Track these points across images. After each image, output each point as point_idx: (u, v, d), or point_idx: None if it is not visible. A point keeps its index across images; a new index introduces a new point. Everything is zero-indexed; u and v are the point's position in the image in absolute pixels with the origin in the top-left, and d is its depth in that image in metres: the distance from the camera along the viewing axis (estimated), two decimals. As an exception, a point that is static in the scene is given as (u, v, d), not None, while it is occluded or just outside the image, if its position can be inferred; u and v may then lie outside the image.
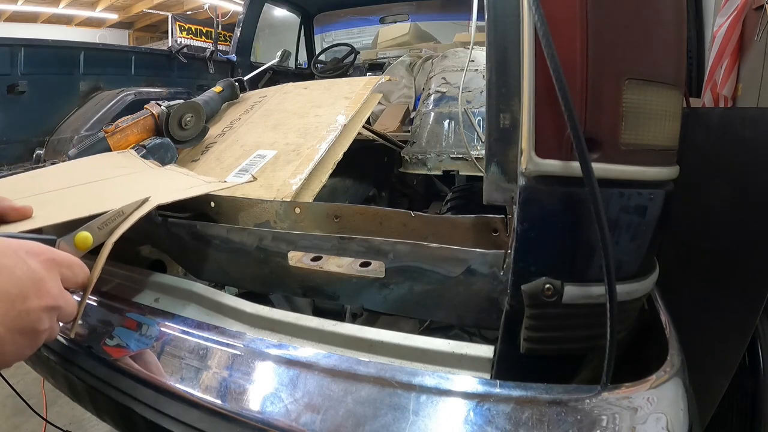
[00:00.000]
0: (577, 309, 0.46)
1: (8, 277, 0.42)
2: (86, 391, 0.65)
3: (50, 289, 0.45)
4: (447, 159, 1.31)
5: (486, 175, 0.55)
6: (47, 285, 0.45)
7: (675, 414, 0.44)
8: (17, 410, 1.59)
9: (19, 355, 0.44)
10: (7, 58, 1.54)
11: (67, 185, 0.75)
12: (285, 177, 0.97)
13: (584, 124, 0.42)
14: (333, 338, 0.57)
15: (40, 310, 0.44)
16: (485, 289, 0.56)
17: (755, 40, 1.59)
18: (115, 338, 0.64)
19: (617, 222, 0.45)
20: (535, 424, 0.42)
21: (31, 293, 0.43)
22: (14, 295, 0.42)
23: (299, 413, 0.47)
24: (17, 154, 1.57)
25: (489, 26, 0.51)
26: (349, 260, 0.65)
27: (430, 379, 0.47)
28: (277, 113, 1.32)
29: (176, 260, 0.81)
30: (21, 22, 9.69)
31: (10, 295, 0.41)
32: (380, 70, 2.60)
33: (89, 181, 0.80)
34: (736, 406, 0.95)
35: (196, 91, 1.91)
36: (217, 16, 3.71)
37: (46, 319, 0.45)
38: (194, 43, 9.72)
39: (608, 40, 0.43)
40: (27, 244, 0.46)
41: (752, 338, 0.91)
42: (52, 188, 0.73)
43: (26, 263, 0.44)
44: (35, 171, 0.88)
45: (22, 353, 0.44)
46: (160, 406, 0.54)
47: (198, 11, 10.26)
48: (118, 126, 1.13)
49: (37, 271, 0.44)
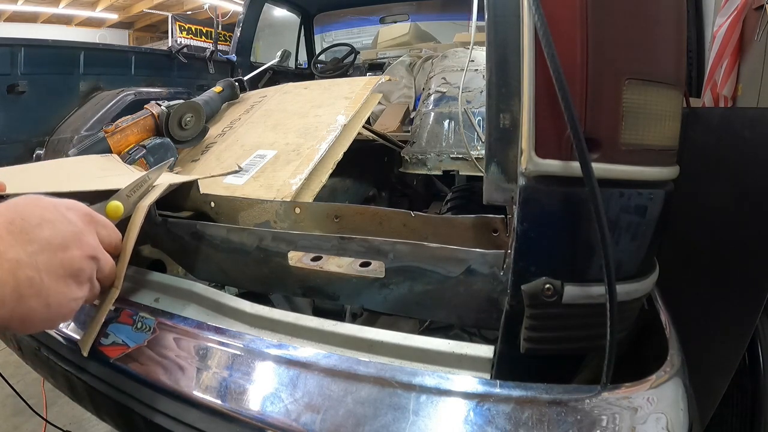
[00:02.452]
0: (577, 309, 0.46)
1: (50, 229, 0.44)
2: (86, 391, 0.65)
3: (90, 240, 0.48)
4: (447, 159, 1.31)
5: (486, 175, 0.55)
6: (86, 237, 0.47)
7: (675, 414, 0.44)
8: (17, 410, 1.59)
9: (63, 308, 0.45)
10: (7, 58, 1.54)
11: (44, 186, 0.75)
12: (285, 177, 0.97)
13: (584, 124, 0.42)
14: (333, 338, 0.57)
15: (81, 259, 0.46)
16: (485, 289, 0.56)
17: (755, 40, 1.59)
18: (111, 336, 0.64)
19: (617, 222, 0.45)
20: (535, 424, 0.42)
21: (72, 243, 0.45)
22: (56, 245, 0.44)
23: (299, 413, 0.47)
24: (17, 154, 1.57)
25: (489, 26, 0.51)
26: (349, 260, 0.65)
27: (430, 379, 0.47)
28: (277, 113, 1.32)
29: (176, 260, 0.81)
30: (21, 22, 9.69)
31: (52, 245, 0.43)
32: (380, 70, 2.60)
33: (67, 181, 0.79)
34: (736, 406, 0.95)
35: (196, 91, 1.91)
36: (217, 16, 3.71)
37: (87, 269, 0.47)
38: (194, 43, 9.72)
39: (608, 40, 0.43)
40: (66, 201, 0.48)
41: (752, 338, 0.91)
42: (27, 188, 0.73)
43: (66, 217, 0.46)
44: (12, 167, 0.87)
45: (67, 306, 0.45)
46: (160, 406, 0.54)
47: (198, 11, 10.26)
48: (118, 126, 1.13)
49: (76, 224, 0.47)
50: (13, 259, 0.40)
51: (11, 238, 0.41)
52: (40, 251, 0.43)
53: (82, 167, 0.92)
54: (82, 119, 1.64)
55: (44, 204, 0.45)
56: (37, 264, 0.42)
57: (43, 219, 0.44)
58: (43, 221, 0.44)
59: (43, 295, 0.43)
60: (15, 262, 0.40)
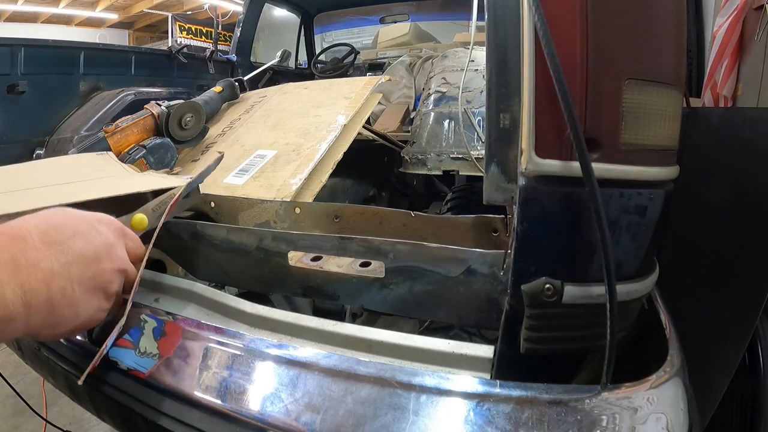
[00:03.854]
0: (577, 309, 0.46)
1: (84, 242, 0.45)
2: (86, 391, 0.65)
3: (120, 253, 0.49)
4: (447, 159, 1.31)
5: (486, 175, 0.55)
6: (117, 250, 0.49)
7: (675, 414, 0.44)
8: (17, 410, 1.59)
9: (90, 318, 0.47)
10: (7, 58, 1.54)
11: (41, 184, 0.75)
12: (285, 177, 0.97)
13: (584, 124, 0.42)
14: (333, 338, 0.57)
15: (111, 272, 0.48)
16: (485, 289, 0.56)
17: (755, 40, 1.59)
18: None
19: (617, 222, 0.45)
20: (535, 424, 0.42)
21: (104, 256, 0.47)
22: (89, 258, 0.45)
23: (299, 413, 0.47)
24: (17, 154, 1.57)
25: (489, 26, 0.51)
26: (349, 260, 0.65)
27: (430, 379, 0.46)
28: (277, 113, 1.32)
29: (176, 260, 0.81)
30: (21, 22, 9.69)
31: (85, 257, 0.45)
32: (380, 70, 2.60)
33: (64, 182, 0.79)
34: (736, 406, 0.95)
35: (196, 91, 1.91)
36: (217, 16, 3.70)
37: (116, 282, 0.49)
38: (194, 43, 9.72)
39: (608, 40, 0.43)
40: (98, 215, 0.50)
41: (752, 338, 0.91)
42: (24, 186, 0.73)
43: (98, 230, 0.48)
44: (10, 166, 0.87)
45: (94, 316, 0.47)
46: (160, 406, 0.54)
47: (198, 11, 10.26)
48: (118, 126, 1.13)
49: (108, 237, 0.48)
50: (47, 269, 0.41)
51: (46, 249, 0.42)
52: (74, 263, 0.44)
53: (77, 168, 0.91)
54: (82, 119, 1.64)
55: (77, 216, 0.47)
56: (70, 275, 0.43)
57: (77, 231, 0.45)
58: (77, 233, 0.45)
59: (74, 305, 0.44)
60: (49, 273, 0.41)
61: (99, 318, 0.48)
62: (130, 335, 0.60)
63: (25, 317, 0.40)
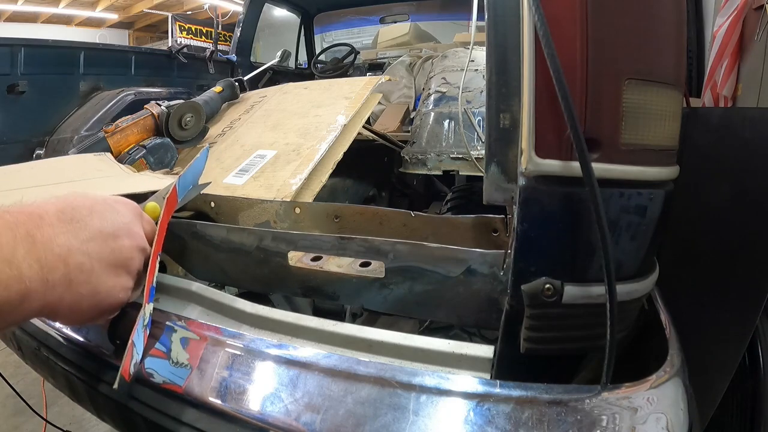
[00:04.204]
0: (577, 309, 0.46)
1: (101, 219, 0.45)
2: (86, 391, 0.65)
3: (139, 231, 0.49)
4: (447, 159, 1.31)
5: (486, 175, 0.55)
6: (136, 228, 0.49)
7: (675, 414, 0.44)
8: (17, 410, 1.59)
9: (111, 297, 0.45)
10: (7, 58, 1.54)
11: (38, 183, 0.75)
12: (285, 177, 0.97)
13: (584, 124, 0.42)
14: (333, 338, 0.57)
15: (131, 249, 0.47)
16: (485, 289, 0.56)
17: (755, 40, 1.59)
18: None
19: (617, 222, 0.45)
20: (535, 424, 0.42)
21: (123, 233, 0.47)
22: (107, 234, 0.45)
23: (299, 413, 0.47)
24: (17, 154, 1.57)
25: (489, 26, 0.51)
26: (349, 260, 0.65)
27: (430, 379, 0.46)
28: (277, 113, 1.32)
29: (176, 260, 0.81)
30: (21, 22, 9.70)
31: (104, 233, 0.44)
32: (380, 70, 2.60)
33: (61, 181, 0.79)
34: (736, 406, 0.95)
35: (196, 91, 1.91)
36: (217, 16, 3.70)
37: (137, 259, 0.48)
38: (194, 43, 9.73)
39: (608, 40, 0.43)
40: (114, 197, 0.50)
41: (752, 338, 0.91)
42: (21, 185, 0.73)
43: (116, 209, 0.48)
44: (9, 167, 0.87)
45: (116, 296, 0.46)
46: (160, 405, 0.54)
47: (198, 11, 10.26)
48: (118, 126, 1.13)
49: (126, 215, 0.48)
50: (64, 245, 0.41)
51: (62, 226, 0.41)
52: (92, 239, 0.43)
53: (75, 168, 0.92)
54: (82, 119, 1.64)
55: (93, 197, 0.47)
56: (89, 251, 0.42)
57: (94, 210, 0.45)
58: (94, 211, 0.45)
59: (93, 282, 0.43)
60: (66, 248, 0.41)
61: (122, 298, 0.47)
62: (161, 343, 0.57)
63: (42, 293, 0.39)
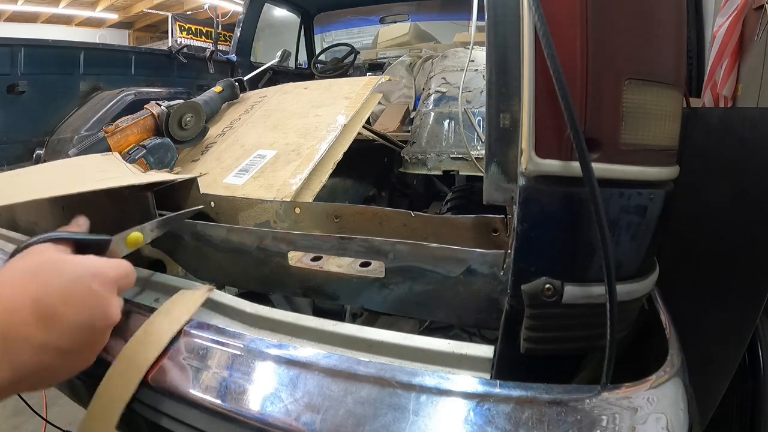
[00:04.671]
0: (577, 309, 0.46)
1: (79, 307, 0.46)
2: (86, 391, 0.64)
3: (113, 310, 0.49)
4: (447, 159, 1.31)
5: (486, 175, 0.55)
6: (110, 309, 0.49)
7: (675, 414, 0.44)
8: (17, 410, 1.59)
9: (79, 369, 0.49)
10: (7, 58, 1.54)
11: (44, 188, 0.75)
12: (285, 177, 0.97)
13: (584, 124, 0.42)
14: (333, 338, 0.57)
15: (104, 331, 0.49)
16: (485, 289, 0.56)
17: (755, 40, 1.59)
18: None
19: (617, 222, 0.45)
20: (535, 424, 0.42)
21: (98, 318, 0.47)
22: (84, 323, 0.46)
23: (299, 413, 0.47)
24: (17, 154, 1.57)
25: (489, 26, 0.51)
26: (349, 260, 0.65)
27: (430, 379, 0.46)
28: (277, 113, 1.32)
29: (176, 260, 0.81)
30: (21, 22, 9.70)
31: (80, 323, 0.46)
32: (380, 70, 2.60)
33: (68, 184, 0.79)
34: (736, 406, 0.95)
35: (196, 91, 1.92)
36: (217, 16, 3.71)
37: (107, 336, 0.50)
38: (194, 43, 9.73)
39: (608, 40, 0.43)
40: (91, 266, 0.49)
41: (752, 338, 0.91)
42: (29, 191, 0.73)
43: (92, 290, 0.47)
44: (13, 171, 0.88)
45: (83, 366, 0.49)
46: (160, 406, 0.54)
47: (198, 11, 10.26)
48: (118, 126, 1.12)
49: (102, 296, 0.48)
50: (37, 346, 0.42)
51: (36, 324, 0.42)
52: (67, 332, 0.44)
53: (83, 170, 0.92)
54: (82, 119, 1.64)
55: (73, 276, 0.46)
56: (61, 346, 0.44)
57: (68, 295, 0.45)
58: (68, 298, 0.45)
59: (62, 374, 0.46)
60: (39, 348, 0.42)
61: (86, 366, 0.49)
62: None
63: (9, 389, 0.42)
